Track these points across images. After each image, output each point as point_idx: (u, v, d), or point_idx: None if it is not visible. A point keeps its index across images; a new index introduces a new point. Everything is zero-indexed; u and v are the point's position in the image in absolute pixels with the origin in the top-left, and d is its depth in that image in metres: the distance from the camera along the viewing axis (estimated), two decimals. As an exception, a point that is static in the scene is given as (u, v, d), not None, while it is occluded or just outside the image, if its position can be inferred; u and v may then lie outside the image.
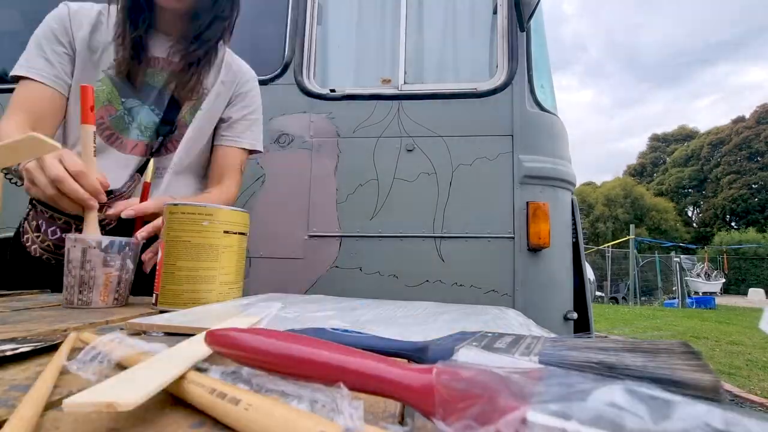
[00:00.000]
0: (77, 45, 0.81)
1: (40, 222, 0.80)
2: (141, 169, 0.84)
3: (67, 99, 0.82)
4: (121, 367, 0.27)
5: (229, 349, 0.24)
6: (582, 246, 1.67)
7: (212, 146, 0.96)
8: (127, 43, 0.80)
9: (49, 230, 0.80)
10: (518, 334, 0.30)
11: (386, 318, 0.48)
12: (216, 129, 0.95)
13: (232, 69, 0.95)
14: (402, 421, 0.21)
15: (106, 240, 0.57)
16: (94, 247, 0.57)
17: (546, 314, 1.47)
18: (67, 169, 0.58)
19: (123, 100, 0.83)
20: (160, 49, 0.86)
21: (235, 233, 0.61)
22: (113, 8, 0.82)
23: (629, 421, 0.12)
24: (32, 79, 0.78)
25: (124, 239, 0.60)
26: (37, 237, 0.80)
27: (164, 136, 0.86)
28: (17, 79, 0.80)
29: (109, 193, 0.75)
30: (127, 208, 0.66)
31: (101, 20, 0.83)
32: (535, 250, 1.47)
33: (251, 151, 0.99)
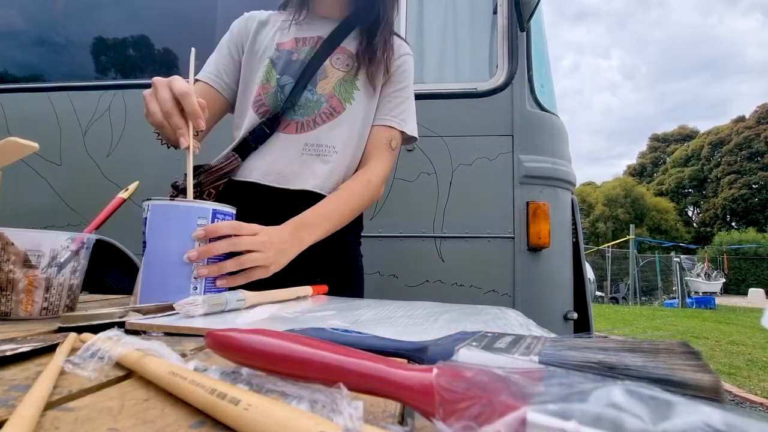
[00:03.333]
0: (246, 48, 0.90)
1: None
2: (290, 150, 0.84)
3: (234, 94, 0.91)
4: (120, 364, 0.27)
5: (229, 350, 0.24)
6: (582, 246, 1.67)
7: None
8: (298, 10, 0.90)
9: None
10: (518, 334, 0.30)
11: (386, 318, 0.48)
12: None
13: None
14: (402, 421, 0.21)
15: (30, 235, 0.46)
16: (12, 244, 0.46)
17: (546, 314, 1.47)
18: (173, 90, 0.61)
19: (278, 76, 0.85)
20: (321, 29, 0.90)
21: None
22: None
23: (629, 422, 0.12)
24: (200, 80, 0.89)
25: (60, 234, 0.49)
26: None
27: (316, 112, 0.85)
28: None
29: (198, 167, 0.80)
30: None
31: (269, 20, 0.92)
32: (535, 250, 1.47)
33: (407, 138, 0.96)
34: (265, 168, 0.83)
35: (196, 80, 0.86)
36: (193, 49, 0.69)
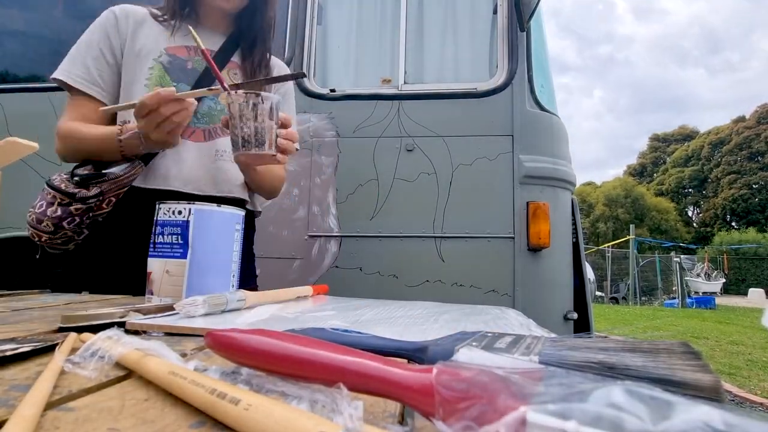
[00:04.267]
0: (126, 49, 0.86)
1: (40, 202, 0.78)
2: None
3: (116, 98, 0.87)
4: (120, 364, 0.27)
5: (229, 350, 0.24)
6: (582, 246, 1.67)
7: None
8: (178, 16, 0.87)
9: (45, 207, 0.76)
10: (518, 334, 0.30)
11: (386, 318, 0.48)
12: None
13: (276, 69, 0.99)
14: (402, 421, 0.21)
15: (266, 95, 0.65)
16: (263, 103, 0.65)
17: (546, 314, 1.47)
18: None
19: (174, 84, 0.84)
20: (207, 42, 0.88)
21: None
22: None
23: (629, 422, 0.12)
24: (70, 86, 0.84)
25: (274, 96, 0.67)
26: (29, 214, 0.77)
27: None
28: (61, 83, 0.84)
29: (100, 175, 0.76)
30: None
31: (146, 20, 0.88)
32: (535, 250, 1.47)
33: None
34: (183, 176, 0.84)
35: (71, 87, 0.84)
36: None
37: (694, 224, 36.45)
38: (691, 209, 37.75)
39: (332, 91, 1.62)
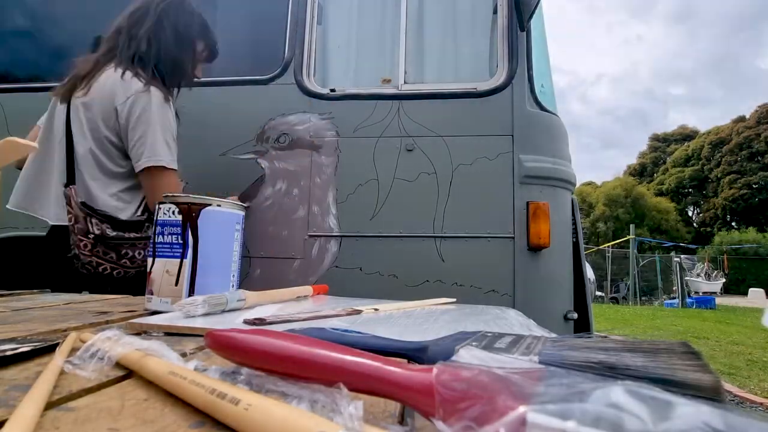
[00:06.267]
0: None
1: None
2: None
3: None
4: (120, 364, 0.27)
5: (229, 350, 0.24)
6: (582, 246, 1.67)
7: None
8: None
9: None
10: (518, 334, 0.30)
11: (386, 318, 0.48)
12: None
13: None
14: (402, 421, 0.21)
15: None
16: None
17: (546, 314, 1.47)
18: None
19: None
20: None
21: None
22: None
23: (629, 422, 0.12)
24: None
25: None
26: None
27: None
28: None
29: None
30: None
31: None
32: (535, 250, 1.47)
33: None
34: None
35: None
36: None
37: (694, 224, 36.43)
38: (691, 209, 37.73)
39: (332, 91, 1.62)
